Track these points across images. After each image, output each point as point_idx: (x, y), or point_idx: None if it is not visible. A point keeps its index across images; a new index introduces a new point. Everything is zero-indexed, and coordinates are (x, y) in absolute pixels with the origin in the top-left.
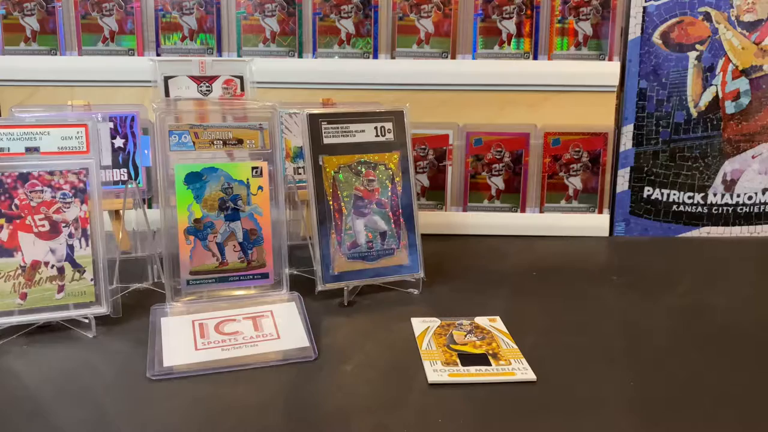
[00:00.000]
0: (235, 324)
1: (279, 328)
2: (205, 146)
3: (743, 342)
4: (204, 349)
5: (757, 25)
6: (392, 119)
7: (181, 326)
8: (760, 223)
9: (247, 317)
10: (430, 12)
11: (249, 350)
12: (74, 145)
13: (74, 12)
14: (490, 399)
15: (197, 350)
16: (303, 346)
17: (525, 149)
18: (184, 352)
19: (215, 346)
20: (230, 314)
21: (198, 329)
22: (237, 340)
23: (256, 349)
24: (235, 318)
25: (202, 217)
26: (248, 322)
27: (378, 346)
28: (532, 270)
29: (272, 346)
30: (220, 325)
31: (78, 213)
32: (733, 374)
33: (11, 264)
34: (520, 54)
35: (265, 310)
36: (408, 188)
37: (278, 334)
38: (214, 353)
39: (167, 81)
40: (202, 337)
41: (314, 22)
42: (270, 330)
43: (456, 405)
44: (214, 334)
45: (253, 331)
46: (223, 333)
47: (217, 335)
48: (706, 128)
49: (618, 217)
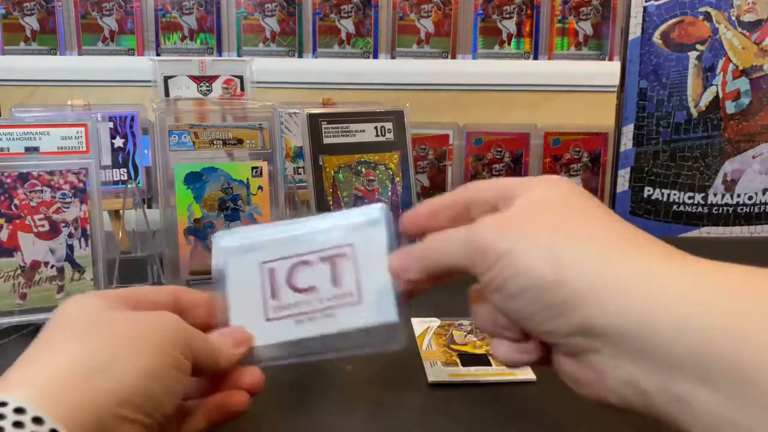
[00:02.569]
0: (312, 269)
1: (361, 282)
2: (205, 146)
3: None
4: (276, 319)
5: (758, 25)
6: (392, 119)
7: (250, 273)
8: (761, 223)
9: (325, 257)
10: (430, 12)
11: (325, 323)
12: (74, 145)
13: (74, 12)
14: (491, 399)
15: (269, 321)
16: (389, 322)
17: (525, 149)
18: (255, 326)
19: (288, 316)
20: (303, 248)
21: (269, 282)
22: (312, 303)
23: (334, 322)
24: (310, 259)
25: (202, 217)
26: (326, 265)
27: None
28: None
29: (352, 317)
30: (293, 272)
31: (78, 213)
32: None
33: (11, 264)
34: (520, 54)
35: (347, 242)
36: (408, 188)
37: (360, 294)
38: (287, 328)
39: (167, 81)
40: (273, 298)
41: (314, 22)
42: (350, 284)
43: (456, 405)
44: (287, 291)
45: (331, 286)
46: (297, 289)
47: (290, 293)
48: (707, 128)
49: None
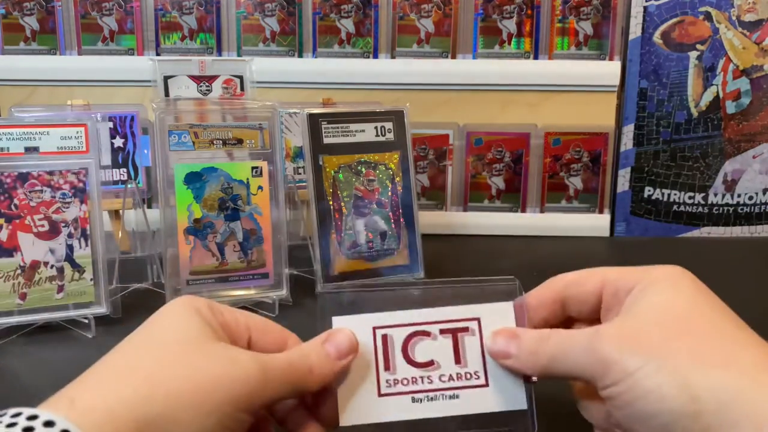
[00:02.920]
0: (430, 342)
1: (487, 362)
2: (205, 146)
3: None
4: (390, 395)
5: (758, 25)
6: (392, 119)
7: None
8: (761, 224)
9: (446, 330)
10: (430, 12)
11: (448, 405)
12: (74, 144)
13: (74, 12)
14: None
15: (381, 397)
16: (518, 409)
17: (525, 149)
18: (366, 401)
19: (405, 392)
20: (422, 317)
21: (382, 350)
22: (432, 380)
23: (458, 404)
24: (429, 330)
25: (201, 217)
26: (447, 339)
27: None
28: (533, 270)
29: (478, 401)
30: (410, 343)
31: (77, 213)
32: None
33: (11, 264)
34: (520, 54)
35: (471, 315)
36: (408, 188)
37: (486, 376)
38: (403, 405)
39: (167, 81)
40: (386, 369)
41: (314, 22)
42: (475, 364)
43: None
44: (403, 364)
45: (453, 363)
46: (415, 362)
47: (407, 367)
48: (707, 128)
49: (618, 217)
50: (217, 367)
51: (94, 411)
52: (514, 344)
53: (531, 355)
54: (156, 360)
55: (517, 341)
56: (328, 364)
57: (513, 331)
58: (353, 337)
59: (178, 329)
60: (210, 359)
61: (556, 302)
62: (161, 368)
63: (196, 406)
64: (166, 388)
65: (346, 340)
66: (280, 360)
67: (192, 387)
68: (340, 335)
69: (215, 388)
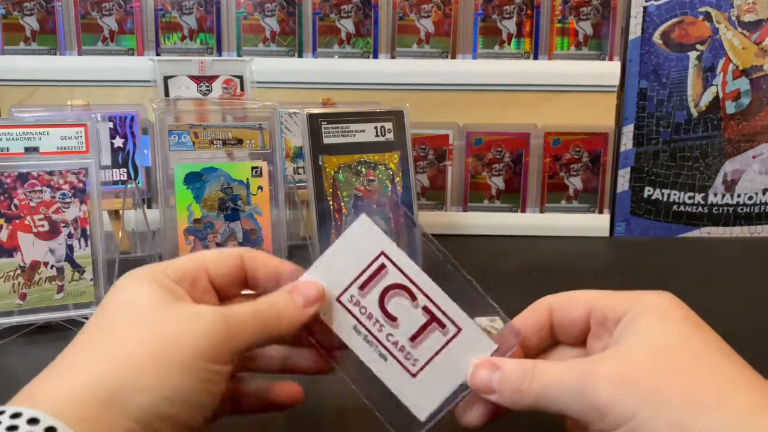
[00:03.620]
0: (409, 306)
1: (431, 364)
2: (205, 146)
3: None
4: (344, 307)
5: (758, 25)
6: (392, 119)
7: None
8: (761, 224)
9: (428, 311)
10: (430, 12)
11: (374, 357)
12: (73, 145)
13: (74, 12)
14: None
15: (336, 301)
16: (415, 416)
17: (525, 149)
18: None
19: (355, 316)
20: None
21: (371, 274)
22: (381, 330)
23: (379, 363)
24: (417, 297)
25: (201, 217)
26: (421, 318)
27: None
28: (533, 270)
29: (395, 378)
30: (393, 291)
31: (77, 213)
32: None
33: (10, 264)
34: (520, 54)
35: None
36: (408, 188)
37: (420, 371)
38: (344, 324)
39: (167, 81)
40: (360, 288)
41: (314, 22)
42: (424, 355)
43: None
44: (373, 298)
45: (408, 338)
46: (383, 307)
47: (375, 303)
48: (707, 128)
49: (618, 218)
50: (176, 326)
51: (54, 400)
52: (496, 378)
53: (515, 393)
54: (109, 337)
55: (499, 374)
56: (296, 311)
57: (493, 362)
58: (320, 287)
59: (129, 302)
60: (167, 320)
61: (543, 329)
62: (115, 343)
63: (161, 368)
64: (124, 359)
65: (313, 289)
66: (245, 309)
67: (152, 351)
68: (307, 285)
69: (177, 347)
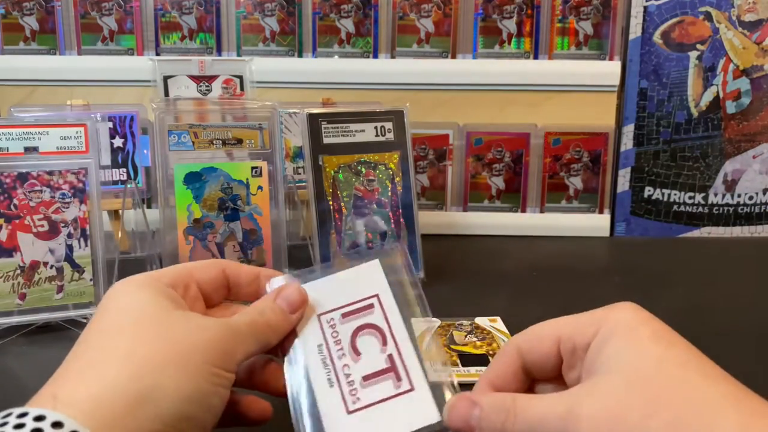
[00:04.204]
0: (374, 347)
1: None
2: (205, 146)
3: (744, 342)
4: (358, 410)
5: (758, 25)
6: (392, 119)
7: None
8: (761, 223)
9: (392, 355)
10: (430, 11)
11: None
12: (73, 144)
13: (73, 11)
14: None
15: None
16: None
17: (525, 149)
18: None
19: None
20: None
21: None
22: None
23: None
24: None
25: (201, 217)
26: (386, 360)
27: None
28: (533, 270)
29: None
30: (357, 338)
31: (77, 213)
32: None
33: (10, 264)
34: (520, 54)
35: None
36: (408, 188)
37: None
38: (314, 335)
39: (167, 81)
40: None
41: (314, 22)
42: (372, 395)
43: None
44: (347, 329)
45: (362, 375)
46: (353, 342)
47: (348, 331)
48: (707, 128)
49: (618, 217)
50: (187, 331)
51: (80, 402)
52: (476, 414)
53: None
54: (130, 338)
55: (478, 410)
56: (283, 317)
57: (471, 398)
58: (302, 290)
59: (136, 307)
60: (178, 325)
61: (517, 372)
62: (138, 344)
63: (181, 372)
64: (145, 360)
65: (297, 293)
66: (243, 319)
67: (173, 356)
68: (290, 289)
69: (193, 353)
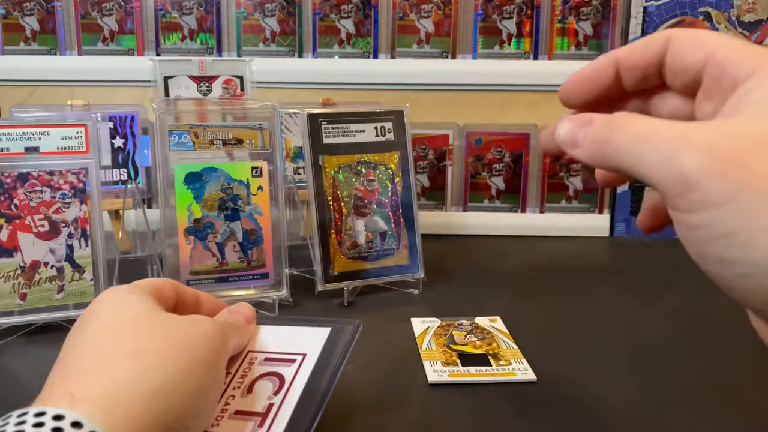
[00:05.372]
0: (267, 383)
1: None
2: (205, 146)
3: (744, 342)
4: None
5: (758, 26)
6: (392, 119)
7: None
8: None
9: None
10: (430, 12)
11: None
12: (74, 145)
13: (74, 12)
14: (490, 399)
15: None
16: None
17: (525, 149)
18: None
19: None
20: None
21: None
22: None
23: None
24: (279, 371)
25: (201, 217)
26: (273, 384)
27: (378, 347)
28: (533, 270)
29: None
30: (258, 380)
31: (77, 213)
32: (734, 375)
33: (11, 264)
34: (520, 54)
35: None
36: (408, 188)
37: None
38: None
39: (167, 81)
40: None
41: (314, 22)
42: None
43: (456, 405)
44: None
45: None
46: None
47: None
48: None
49: (618, 218)
50: (189, 331)
51: (98, 399)
52: (582, 132)
53: (594, 144)
54: (132, 336)
55: (585, 125)
56: (245, 327)
57: (589, 118)
58: (251, 307)
59: (131, 308)
60: (178, 326)
61: (651, 65)
62: (142, 342)
63: (185, 364)
64: (157, 358)
65: (247, 308)
66: (227, 320)
67: (177, 352)
68: (240, 306)
69: (195, 348)
